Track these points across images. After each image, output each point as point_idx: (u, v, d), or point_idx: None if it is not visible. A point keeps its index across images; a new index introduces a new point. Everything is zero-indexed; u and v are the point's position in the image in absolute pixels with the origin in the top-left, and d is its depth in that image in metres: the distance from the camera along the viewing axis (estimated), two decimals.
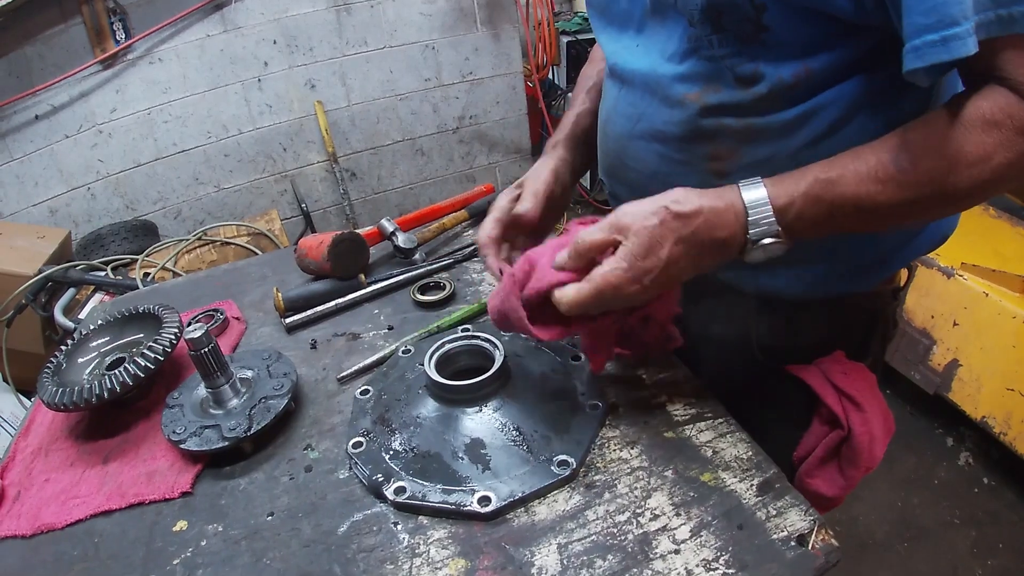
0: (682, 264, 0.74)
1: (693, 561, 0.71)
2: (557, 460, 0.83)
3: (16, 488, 0.93)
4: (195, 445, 0.89)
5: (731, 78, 0.79)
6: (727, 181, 0.76)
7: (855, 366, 0.99)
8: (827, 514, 1.03)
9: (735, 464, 0.82)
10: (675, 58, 0.83)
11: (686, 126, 0.84)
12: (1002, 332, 2.16)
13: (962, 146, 0.67)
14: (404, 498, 0.80)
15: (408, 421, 0.91)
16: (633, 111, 0.90)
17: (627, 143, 0.93)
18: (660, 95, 0.86)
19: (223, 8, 3.14)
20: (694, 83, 0.82)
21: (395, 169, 3.87)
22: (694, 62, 0.81)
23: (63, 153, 3.06)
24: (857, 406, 0.95)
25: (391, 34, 3.51)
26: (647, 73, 0.87)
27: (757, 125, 0.80)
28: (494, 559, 0.73)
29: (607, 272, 0.74)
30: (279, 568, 0.75)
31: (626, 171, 0.97)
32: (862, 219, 0.74)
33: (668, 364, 1.00)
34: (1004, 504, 2.29)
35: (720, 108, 0.81)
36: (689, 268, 0.76)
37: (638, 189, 0.91)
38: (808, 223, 0.73)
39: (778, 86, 0.77)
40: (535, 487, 0.80)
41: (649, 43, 0.87)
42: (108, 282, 2.46)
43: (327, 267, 1.26)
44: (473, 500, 0.79)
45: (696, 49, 0.80)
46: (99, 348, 1.11)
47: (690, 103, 0.82)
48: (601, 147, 1.03)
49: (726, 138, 0.82)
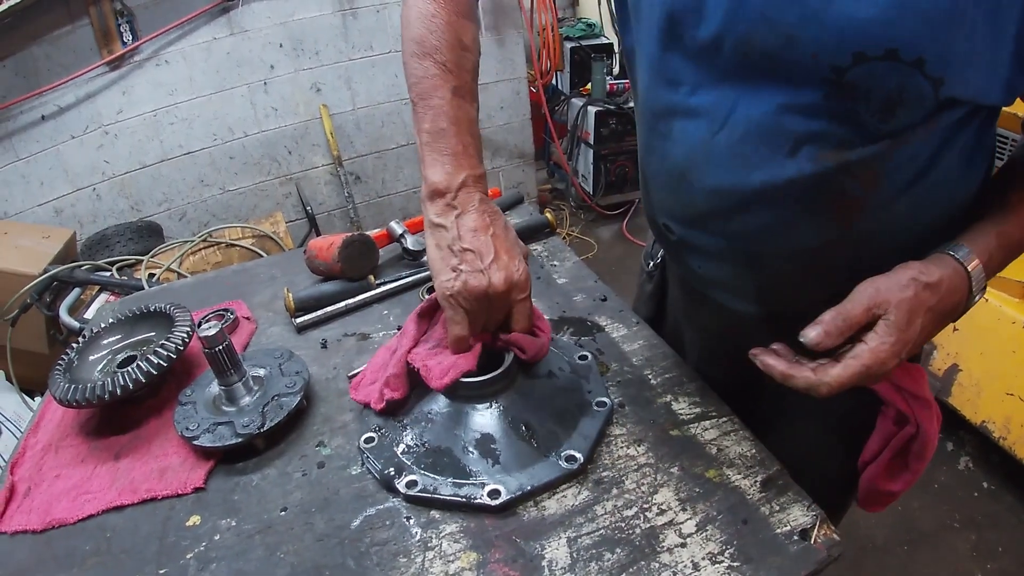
0: (929, 331, 0.76)
1: (699, 554, 0.72)
2: (565, 455, 0.84)
3: (26, 484, 0.93)
4: (208, 441, 0.90)
5: (874, 135, 0.74)
6: (854, 228, 0.82)
7: (914, 367, 0.96)
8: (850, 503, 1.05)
9: (739, 461, 0.84)
10: (805, 111, 0.75)
11: (820, 179, 0.78)
12: (1002, 337, 2.17)
13: None
14: (416, 491, 0.82)
15: (419, 417, 0.92)
16: (745, 162, 0.81)
17: (728, 195, 0.85)
18: (785, 149, 0.78)
19: (230, 11, 3.17)
20: (826, 142, 0.76)
21: (399, 173, 3.89)
22: (827, 122, 0.75)
23: (69, 154, 3.08)
24: (924, 404, 0.93)
25: (396, 39, 3.51)
26: (764, 122, 0.78)
27: (888, 167, 0.77)
28: (505, 552, 0.74)
29: (875, 348, 0.73)
30: (293, 562, 0.76)
31: (726, 223, 0.89)
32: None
33: (673, 366, 1.01)
34: (1004, 507, 2.30)
35: (859, 164, 0.77)
36: (932, 334, 0.79)
37: (739, 238, 0.89)
38: (996, 271, 0.79)
39: (905, 131, 0.75)
40: (543, 480, 0.82)
41: (759, 80, 0.77)
42: (113, 282, 2.47)
43: (337, 268, 1.27)
44: (483, 493, 0.80)
45: (828, 107, 0.73)
46: (110, 346, 1.12)
47: (822, 161, 0.77)
48: (674, 193, 0.94)
49: (857, 187, 0.78)
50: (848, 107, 0.72)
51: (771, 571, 0.70)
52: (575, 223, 4.57)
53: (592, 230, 4.50)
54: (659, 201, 0.98)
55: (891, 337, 0.72)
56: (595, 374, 0.99)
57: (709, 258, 0.96)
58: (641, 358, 1.03)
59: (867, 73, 0.68)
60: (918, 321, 0.74)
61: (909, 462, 0.98)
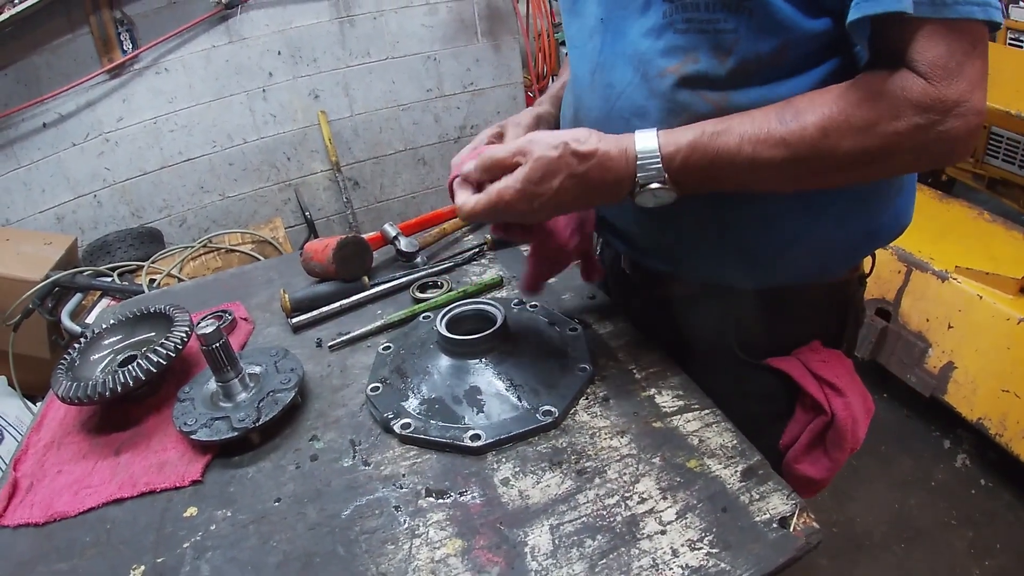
0: (571, 196, 0.81)
1: (678, 541, 0.74)
2: (543, 410, 0.93)
3: (29, 479, 0.95)
4: (205, 436, 0.92)
5: (709, 47, 0.79)
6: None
7: (833, 353, 1.04)
8: (823, 515, 1.06)
9: (720, 451, 0.85)
10: (652, 33, 0.83)
11: (665, 99, 0.84)
12: (996, 334, 2.18)
13: (849, 111, 0.72)
14: (409, 432, 0.92)
15: (420, 370, 1.02)
16: (610, 91, 0.91)
17: (604, 123, 0.90)
18: (641, 71, 0.86)
19: (228, 19, 3.19)
20: (673, 56, 0.82)
21: (397, 178, 3.91)
22: (672, 36, 0.81)
23: (70, 161, 3.10)
24: (838, 392, 0.99)
25: (393, 45, 3.56)
26: (625, 51, 0.87)
27: (733, 101, 0.81)
28: (489, 539, 0.76)
29: (501, 188, 0.81)
30: (285, 550, 0.78)
31: None
32: (746, 174, 0.78)
33: (658, 360, 1.03)
34: (1002, 504, 2.31)
35: (697, 79, 0.81)
36: (577, 201, 0.83)
37: None
38: (694, 172, 0.78)
39: (755, 59, 0.78)
40: (519, 430, 0.90)
41: (622, 22, 0.88)
42: (114, 287, 2.49)
43: (332, 269, 1.30)
44: (466, 437, 0.89)
45: (672, 23, 0.81)
46: (112, 346, 1.15)
47: (669, 75, 0.83)
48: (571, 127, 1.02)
49: (703, 114, 0.81)
50: (681, 5, 0.79)
51: (749, 558, 0.71)
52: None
53: None
54: None
55: (518, 184, 0.80)
56: (582, 343, 1.06)
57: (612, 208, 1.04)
58: (626, 353, 1.05)
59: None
60: (555, 181, 0.79)
61: (828, 450, 1.02)
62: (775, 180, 0.79)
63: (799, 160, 0.75)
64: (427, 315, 1.20)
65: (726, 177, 0.78)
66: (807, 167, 0.76)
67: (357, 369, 1.10)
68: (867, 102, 0.71)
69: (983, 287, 2.25)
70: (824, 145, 0.73)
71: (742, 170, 0.77)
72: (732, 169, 0.77)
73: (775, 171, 0.76)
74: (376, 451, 0.92)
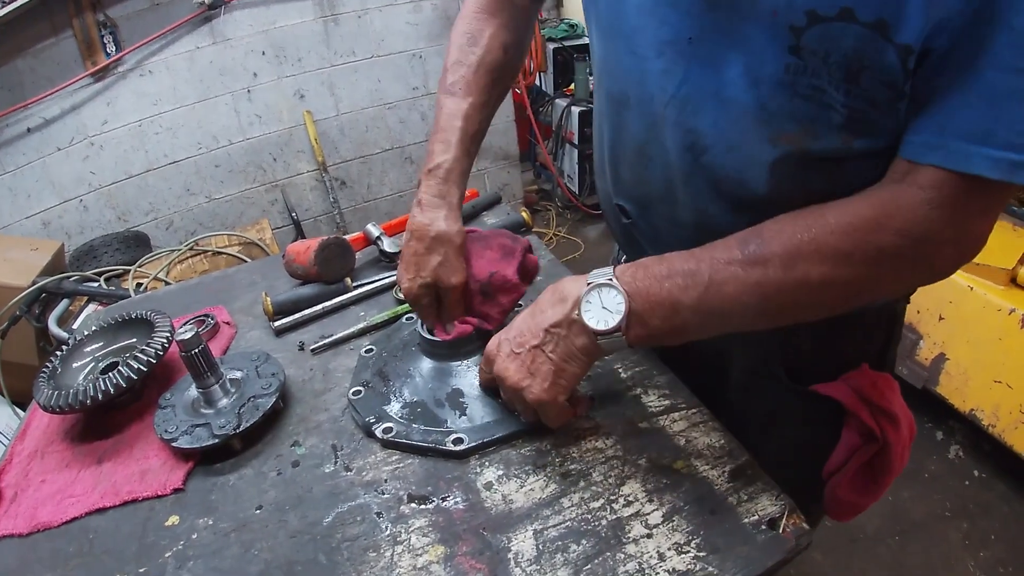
0: (552, 368, 0.81)
1: (665, 545, 0.73)
2: None
3: (13, 490, 0.94)
4: (186, 443, 0.91)
5: (838, 124, 0.67)
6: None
7: (882, 377, 0.94)
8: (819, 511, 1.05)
9: (707, 452, 0.85)
10: (764, 84, 0.68)
11: (773, 171, 0.73)
12: (988, 325, 2.19)
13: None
14: (391, 436, 0.91)
15: (402, 373, 1.01)
16: (693, 140, 0.77)
17: (682, 176, 0.81)
18: (741, 125, 0.72)
19: (212, 20, 3.17)
20: (787, 122, 0.69)
21: (384, 177, 3.90)
22: (789, 98, 0.67)
23: (55, 165, 3.08)
24: (890, 418, 0.92)
25: (378, 44, 3.54)
26: (721, 94, 0.72)
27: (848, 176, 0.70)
28: (472, 545, 0.75)
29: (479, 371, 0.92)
30: (267, 558, 0.77)
31: (675, 207, 0.87)
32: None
33: (644, 359, 1.02)
34: (996, 495, 2.31)
35: (819, 159, 0.70)
36: (563, 370, 0.81)
37: (680, 224, 0.88)
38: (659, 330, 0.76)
39: (872, 152, 0.68)
40: (503, 433, 0.89)
41: (716, 49, 0.71)
42: (101, 292, 2.47)
43: (314, 271, 1.28)
44: (448, 440, 0.89)
45: (794, 84, 0.66)
46: (93, 353, 1.13)
47: (783, 145, 0.70)
48: (631, 173, 0.93)
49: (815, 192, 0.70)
50: (811, 82, 0.65)
51: (738, 561, 0.70)
52: (562, 223, 4.58)
53: (579, 230, 4.51)
54: (622, 180, 0.96)
55: (488, 366, 0.86)
56: None
57: (658, 243, 0.94)
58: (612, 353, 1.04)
59: (823, 35, 0.61)
60: (512, 364, 0.82)
61: (875, 476, 0.97)
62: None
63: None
64: (410, 316, 1.19)
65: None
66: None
67: (340, 372, 1.09)
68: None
69: (974, 278, 2.25)
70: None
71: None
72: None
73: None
74: (358, 456, 0.91)
